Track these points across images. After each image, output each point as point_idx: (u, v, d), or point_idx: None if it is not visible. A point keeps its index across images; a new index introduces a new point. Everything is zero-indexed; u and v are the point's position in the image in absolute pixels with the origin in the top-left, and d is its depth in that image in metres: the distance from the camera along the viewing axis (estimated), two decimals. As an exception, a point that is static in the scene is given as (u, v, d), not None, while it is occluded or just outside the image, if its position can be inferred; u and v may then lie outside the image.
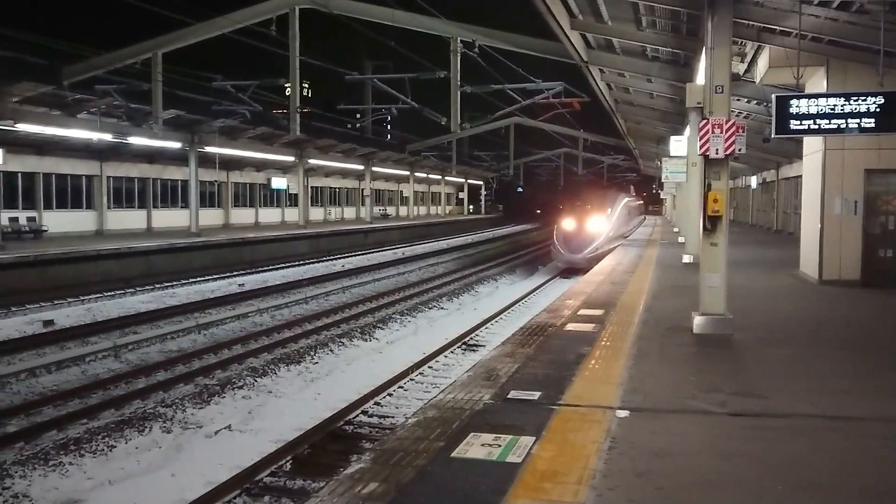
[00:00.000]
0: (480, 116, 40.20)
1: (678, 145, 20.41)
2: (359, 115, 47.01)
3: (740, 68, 14.92)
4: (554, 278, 24.47)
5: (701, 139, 8.56)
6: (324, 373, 11.83)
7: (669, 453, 4.70)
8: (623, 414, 5.50)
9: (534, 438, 4.89)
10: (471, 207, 73.72)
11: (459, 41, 25.67)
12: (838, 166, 13.19)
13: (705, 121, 8.57)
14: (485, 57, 24.59)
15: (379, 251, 35.10)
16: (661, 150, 29.97)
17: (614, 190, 45.46)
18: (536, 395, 5.99)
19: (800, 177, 17.81)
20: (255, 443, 8.40)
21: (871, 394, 6.26)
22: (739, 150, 8.60)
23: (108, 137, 24.14)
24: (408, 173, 51.77)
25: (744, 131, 8.72)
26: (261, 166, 38.34)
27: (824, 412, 5.69)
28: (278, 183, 39.41)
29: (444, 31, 25.65)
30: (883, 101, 8.84)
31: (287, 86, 33.62)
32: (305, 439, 8.34)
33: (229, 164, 34.86)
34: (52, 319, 15.28)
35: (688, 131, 18.53)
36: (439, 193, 64.66)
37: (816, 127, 9.11)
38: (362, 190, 49.17)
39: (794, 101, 9.09)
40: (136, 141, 25.64)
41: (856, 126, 8.92)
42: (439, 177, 60.28)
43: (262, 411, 9.69)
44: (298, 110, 33.35)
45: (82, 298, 18.40)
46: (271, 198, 41.78)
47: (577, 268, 24.21)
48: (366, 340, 14.30)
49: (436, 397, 6.02)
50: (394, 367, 11.78)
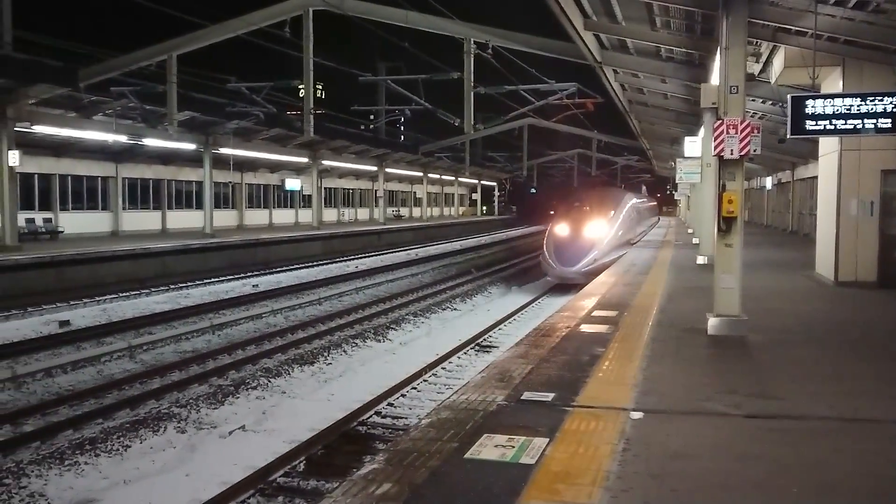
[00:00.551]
0: (494, 117, 40.19)
1: (692, 146, 20.31)
2: (372, 117, 47.15)
3: (755, 68, 14.84)
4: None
5: (715, 140, 8.52)
6: (337, 373, 11.86)
7: (684, 455, 4.68)
8: (637, 415, 5.48)
9: (547, 440, 4.88)
10: (484, 208, 73.68)
11: (473, 42, 25.67)
12: (854, 167, 13.08)
13: (720, 121, 8.52)
14: (498, 58, 24.60)
15: (392, 252, 35.12)
16: (676, 151, 29.78)
17: (619, 189, 41.21)
18: (550, 396, 5.97)
19: (815, 177, 17.69)
20: (268, 443, 8.43)
21: (889, 396, 6.20)
22: (754, 151, 8.55)
23: (123, 139, 24.32)
24: (421, 174, 51.82)
25: (759, 132, 8.68)
26: (275, 167, 38.46)
27: (841, 414, 5.65)
28: (292, 184, 39.51)
29: (457, 32, 25.66)
30: (900, 101, 8.76)
31: (301, 87, 33.74)
32: (319, 440, 8.37)
33: (243, 165, 35.02)
34: (68, 320, 15.39)
35: (702, 132, 18.44)
36: (452, 194, 64.70)
37: (832, 127, 9.02)
38: (375, 191, 49.26)
39: (809, 102, 9.01)
40: (151, 142, 25.86)
41: (872, 126, 8.84)
42: (452, 178, 60.31)
43: (276, 412, 9.72)
44: (312, 112, 33.46)
45: (98, 299, 18.52)
46: (285, 199, 41.88)
47: (572, 283, 20.05)
48: (379, 341, 14.32)
49: (449, 398, 6.01)
50: (407, 368, 11.79)
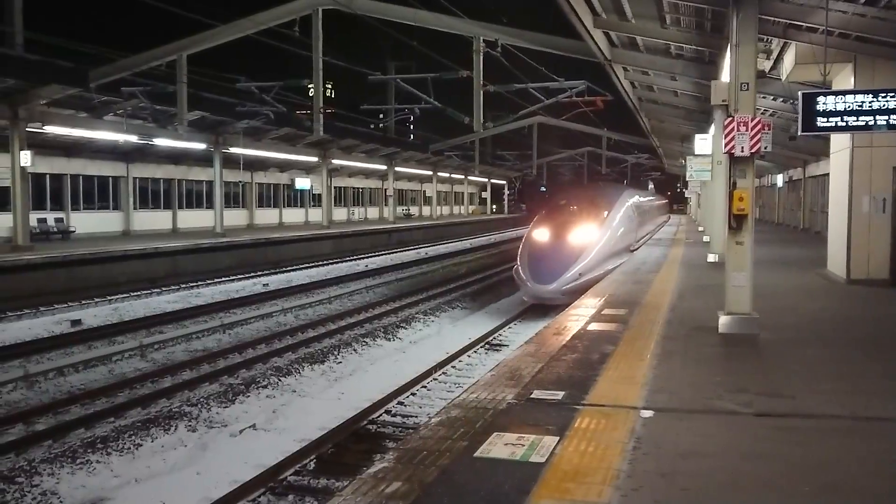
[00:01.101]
0: (503, 116, 40.05)
1: (703, 143, 20.24)
2: (382, 116, 47.12)
3: (766, 65, 14.76)
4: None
5: (726, 137, 8.47)
6: (347, 372, 11.88)
7: (695, 454, 4.66)
8: (648, 414, 5.46)
9: (557, 438, 4.87)
10: (494, 207, 73.61)
11: (482, 41, 25.60)
12: (866, 164, 12.99)
13: (731, 118, 8.47)
14: (507, 56, 24.51)
15: (402, 251, 35.15)
16: (686, 149, 29.66)
17: (615, 184, 35.94)
18: (560, 394, 5.96)
19: (827, 175, 17.57)
20: (279, 442, 8.47)
21: (901, 394, 6.16)
22: (765, 149, 8.52)
23: (134, 139, 24.44)
24: (431, 173, 51.81)
25: (769, 129, 8.66)
26: (284, 167, 38.54)
27: (853, 413, 5.61)
28: (302, 183, 39.60)
29: (466, 30, 25.57)
30: (912, 97, 8.69)
31: (310, 86, 33.75)
32: (329, 438, 8.39)
33: (253, 164, 35.09)
34: (79, 319, 15.48)
35: (713, 129, 18.36)
36: (462, 193, 64.67)
37: (844, 124, 8.95)
38: (385, 190, 49.31)
39: (820, 99, 8.94)
40: (162, 142, 25.97)
41: (884, 123, 8.76)
42: (462, 176, 60.28)
43: (287, 410, 9.75)
44: (322, 111, 33.48)
45: (109, 298, 18.62)
46: (295, 198, 41.97)
47: (551, 304, 16.10)
48: (389, 340, 14.33)
49: (459, 397, 6.01)
50: (417, 367, 11.81)
